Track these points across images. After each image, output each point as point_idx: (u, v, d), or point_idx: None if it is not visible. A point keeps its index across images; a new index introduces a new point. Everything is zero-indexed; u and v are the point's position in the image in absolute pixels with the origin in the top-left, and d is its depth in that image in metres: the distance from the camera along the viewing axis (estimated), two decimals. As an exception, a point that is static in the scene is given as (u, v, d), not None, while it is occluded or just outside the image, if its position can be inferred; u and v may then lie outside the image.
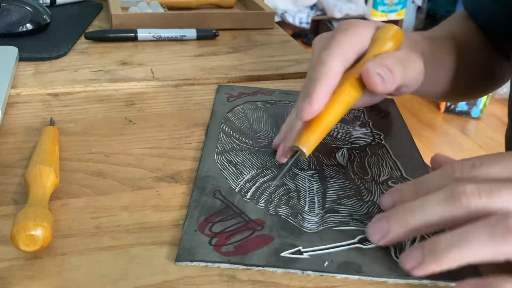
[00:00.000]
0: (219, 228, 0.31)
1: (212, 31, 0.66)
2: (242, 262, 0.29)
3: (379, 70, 0.35)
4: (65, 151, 0.40)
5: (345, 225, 0.32)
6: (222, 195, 0.34)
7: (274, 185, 0.36)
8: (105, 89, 0.51)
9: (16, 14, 0.61)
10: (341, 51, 0.36)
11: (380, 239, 0.30)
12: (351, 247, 0.31)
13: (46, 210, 0.30)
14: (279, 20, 2.68)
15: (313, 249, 0.30)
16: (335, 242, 0.31)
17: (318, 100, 0.34)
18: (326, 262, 0.30)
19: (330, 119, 0.35)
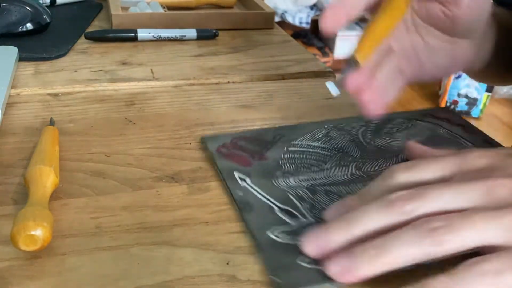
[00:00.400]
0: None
1: (212, 31, 0.66)
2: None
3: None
4: (65, 151, 0.40)
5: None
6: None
7: (336, 95, 0.36)
8: (105, 89, 0.51)
9: (16, 14, 0.61)
10: None
11: (319, 252, 0.29)
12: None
13: (46, 210, 0.30)
14: (279, 20, 2.68)
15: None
16: None
17: (330, 22, 0.35)
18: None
19: (382, 27, 0.36)
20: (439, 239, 0.27)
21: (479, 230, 0.27)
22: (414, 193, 0.29)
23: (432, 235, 0.27)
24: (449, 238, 0.27)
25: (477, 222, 0.27)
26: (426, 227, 0.27)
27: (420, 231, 0.27)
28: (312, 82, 0.55)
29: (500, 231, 0.27)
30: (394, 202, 0.29)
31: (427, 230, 0.27)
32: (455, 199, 0.29)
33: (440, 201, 0.29)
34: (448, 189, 0.29)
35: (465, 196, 0.29)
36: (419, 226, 0.27)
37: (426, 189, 0.29)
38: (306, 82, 0.55)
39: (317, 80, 0.56)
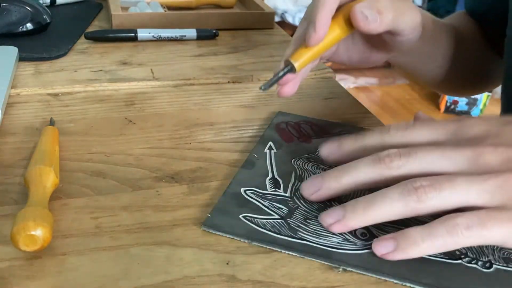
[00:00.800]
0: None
1: (212, 31, 0.66)
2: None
3: (366, 10, 0.38)
4: (65, 151, 0.40)
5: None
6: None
7: (263, 90, 0.38)
8: (105, 89, 0.51)
9: (16, 14, 0.61)
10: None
11: (313, 193, 0.33)
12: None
13: (46, 210, 0.30)
14: (279, 20, 2.68)
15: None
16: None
17: (322, 26, 0.37)
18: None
19: (322, 45, 0.38)
20: (422, 196, 0.29)
21: (461, 192, 0.29)
22: (402, 151, 0.31)
23: (415, 192, 0.29)
24: (431, 196, 0.29)
25: (460, 184, 0.29)
26: (411, 185, 0.29)
27: (405, 189, 0.29)
28: (312, 82, 0.55)
29: (480, 194, 0.29)
30: (383, 158, 0.31)
31: (412, 188, 0.29)
32: (441, 162, 0.31)
33: (425, 161, 0.31)
34: (436, 151, 0.31)
35: (451, 160, 0.31)
36: (404, 184, 0.30)
37: (414, 149, 0.31)
38: (306, 82, 0.55)
39: (317, 80, 0.56)
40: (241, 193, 0.35)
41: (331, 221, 0.31)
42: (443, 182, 0.29)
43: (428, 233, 0.29)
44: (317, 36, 0.37)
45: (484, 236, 0.28)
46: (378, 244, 0.30)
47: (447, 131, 0.33)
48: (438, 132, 0.33)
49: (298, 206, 0.34)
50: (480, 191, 0.29)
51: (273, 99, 0.51)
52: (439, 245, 0.29)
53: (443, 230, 0.28)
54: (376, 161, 0.31)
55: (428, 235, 0.29)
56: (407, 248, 0.29)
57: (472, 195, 0.29)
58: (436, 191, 0.29)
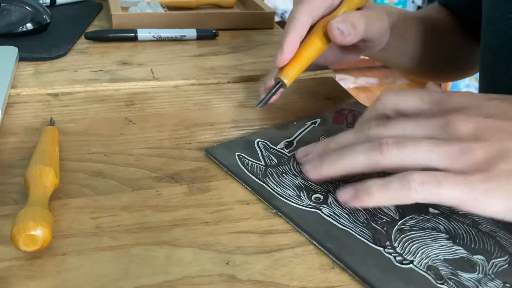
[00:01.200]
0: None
1: (212, 31, 0.66)
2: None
3: (340, 25, 0.42)
4: (65, 151, 0.40)
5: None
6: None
7: (260, 107, 0.43)
8: (105, 89, 0.51)
9: (16, 14, 0.61)
10: (310, 6, 0.43)
11: (314, 175, 0.35)
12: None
13: (46, 210, 0.30)
14: (279, 20, 2.67)
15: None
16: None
17: (288, 50, 0.41)
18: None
19: (303, 60, 0.43)
20: (385, 151, 0.31)
21: (422, 152, 0.30)
22: (380, 122, 0.33)
23: (379, 147, 0.31)
24: (394, 153, 0.31)
25: (424, 145, 0.31)
26: (377, 141, 0.32)
27: (371, 144, 0.32)
28: (312, 82, 0.55)
29: (441, 157, 0.30)
30: (363, 129, 0.34)
31: (377, 143, 0.31)
32: (414, 130, 0.32)
33: (399, 129, 0.33)
34: (410, 121, 0.33)
35: (423, 128, 0.32)
36: (371, 140, 0.32)
37: (391, 120, 0.34)
38: (306, 82, 0.55)
39: (317, 80, 0.56)
40: (253, 142, 0.41)
41: (309, 168, 0.35)
42: (407, 141, 0.31)
43: (384, 185, 0.30)
44: (283, 58, 0.42)
45: (436, 194, 0.29)
46: (341, 191, 0.32)
47: (433, 99, 0.34)
48: (424, 98, 0.34)
49: (287, 164, 0.38)
50: (441, 154, 0.30)
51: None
52: (392, 197, 0.30)
53: (397, 183, 0.30)
54: (358, 131, 0.34)
55: (383, 186, 0.30)
56: (363, 197, 0.31)
57: (433, 156, 0.30)
58: (399, 148, 0.31)
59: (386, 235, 0.32)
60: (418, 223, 0.33)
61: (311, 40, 0.43)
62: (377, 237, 0.32)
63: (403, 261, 0.30)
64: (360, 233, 0.32)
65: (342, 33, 0.42)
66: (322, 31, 0.43)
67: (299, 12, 0.42)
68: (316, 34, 0.43)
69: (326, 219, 0.33)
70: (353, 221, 0.33)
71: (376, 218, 0.33)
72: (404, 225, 0.33)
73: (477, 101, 0.33)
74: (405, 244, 0.31)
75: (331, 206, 0.34)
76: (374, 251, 0.31)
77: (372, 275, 0.29)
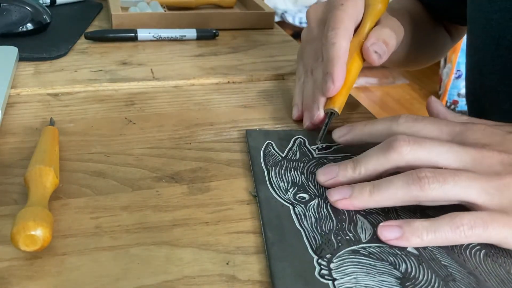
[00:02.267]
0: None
1: (212, 31, 0.66)
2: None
3: (377, 48, 0.43)
4: (65, 151, 0.40)
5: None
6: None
7: (321, 142, 0.41)
8: (105, 89, 0.51)
9: (16, 14, 0.61)
10: (344, 28, 0.42)
11: (331, 182, 0.35)
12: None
13: (46, 210, 0.30)
14: (279, 20, 2.68)
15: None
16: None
17: (339, 79, 0.41)
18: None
19: (349, 85, 0.42)
20: (425, 186, 0.30)
21: (462, 187, 0.30)
22: (412, 139, 0.33)
23: (419, 182, 0.31)
24: (433, 187, 0.30)
25: (463, 180, 0.31)
26: (416, 175, 0.31)
27: (409, 178, 0.31)
28: (312, 82, 0.55)
29: (480, 193, 0.30)
30: (392, 144, 0.33)
31: (416, 177, 0.31)
32: (448, 156, 0.32)
33: (433, 152, 0.32)
34: (445, 144, 0.32)
35: (457, 156, 0.32)
36: (409, 173, 0.31)
37: (424, 138, 0.33)
38: (306, 82, 0.55)
39: (317, 80, 0.56)
40: (293, 136, 0.42)
41: (338, 198, 0.33)
42: (447, 175, 0.31)
43: (433, 228, 0.30)
44: (336, 88, 0.41)
45: (482, 237, 0.30)
46: (384, 229, 0.31)
47: (453, 131, 0.34)
48: (443, 130, 0.35)
49: (305, 162, 0.39)
50: (480, 190, 0.30)
51: (272, 99, 0.51)
52: (441, 240, 0.30)
53: (447, 227, 0.30)
54: (384, 148, 0.33)
55: (432, 229, 0.30)
56: (410, 238, 0.30)
57: (472, 192, 0.30)
58: (439, 183, 0.30)
59: (334, 249, 0.30)
60: (382, 253, 0.30)
61: (352, 62, 0.43)
62: (323, 247, 0.30)
63: (325, 276, 0.28)
64: (310, 237, 0.31)
65: (379, 56, 0.43)
66: (358, 52, 0.43)
67: (339, 37, 0.41)
68: (355, 56, 0.43)
69: (290, 216, 0.33)
70: (315, 226, 0.32)
71: (341, 233, 0.32)
72: (364, 249, 0.30)
73: (499, 137, 0.34)
74: (344, 264, 0.29)
75: (307, 208, 0.34)
76: (306, 256, 0.30)
77: (280, 273, 0.28)
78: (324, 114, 0.42)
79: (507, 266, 0.30)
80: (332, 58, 0.41)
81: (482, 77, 0.53)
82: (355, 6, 0.43)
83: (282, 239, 0.31)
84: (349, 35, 0.42)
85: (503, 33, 0.48)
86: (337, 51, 0.41)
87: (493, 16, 0.48)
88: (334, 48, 0.41)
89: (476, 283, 0.28)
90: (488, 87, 0.52)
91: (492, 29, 0.49)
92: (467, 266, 0.30)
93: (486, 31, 0.50)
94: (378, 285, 0.28)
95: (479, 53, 0.52)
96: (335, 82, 0.40)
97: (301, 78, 0.47)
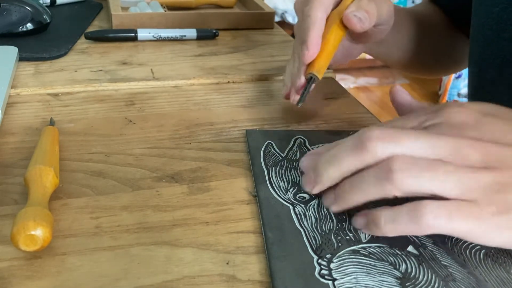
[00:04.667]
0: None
1: (212, 31, 0.66)
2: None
3: (358, 13, 0.43)
4: (65, 151, 0.40)
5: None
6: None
7: (300, 105, 0.42)
8: (105, 89, 0.51)
9: (16, 14, 0.61)
10: (319, 2, 0.43)
11: (312, 188, 0.34)
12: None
13: (46, 210, 0.30)
14: (279, 20, 2.67)
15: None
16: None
17: (313, 45, 0.42)
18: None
19: (328, 51, 0.43)
20: (397, 180, 0.29)
21: (439, 181, 0.29)
22: (384, 133, 0.30)
23: (390, 176, 0.29)
24: (407, 182, 0.29)
25: (440, 174, 0.29)
26: (387, 167, 0.29)
27: (380, 172, 0.29)
28: (312, 82, 0.55)
29: (456, 185, 0.29)
30: (364, 142, 0.30)
31: (387, 170, 0.29)
32: (425, 149, 0.30)
33: (409, 147, 0.30)
34: (420, 137, 0.30)
35: (434, 147, 0.30)
36: (380, 167, 0.30)
37: (399, 131, 0.30)
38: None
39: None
40: (293, 136, 0.42)
41: (328, 204, 0.34)
42: (423, 167, 0.29)
43: (392, 217, 0.29)
44: (311, 54, 0.42)
45: (446, 228, 0.28)
46: (355, 218, 0.32)
47: (425, 119, 0.33)
48: (414, 122, 0.33)
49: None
50: (456, 182, 0.29)
51: (272, 99, 0.51)
52: (401, 230, 0.29)
53: (406, 217, 0.29)
54: (358, 147, 0.31)
55: (391, 219, 0.29)
56: (371, 227, 0.31)
57: (448, 186, 0.29)
58: (413, 175, 0.29)
59: (334, 249, 0.30)
60: (382, 253, 0.30)
61: (331, 31, 0.44)
62: (323, 247, 0.30)
63: (325, 276, 0.28)
64: (310, 237, 0.31)
65: (360, 20, 0.43)
66: (338, 22, 0.44)
67: (313, 9, 0.43)
68: (334, 25, 0.44)
69: (290, 215, 0.33)
70: (316, 226, 0.32)
71: (341, 233, 0.32)
72: (364, 249, 0.30)
73: (475, 120, 0.32)
74: (344, 264, 0.29)
75: (307, 208, 0.34)
76: (306, 256, 0.30)
77: (280, 272, 0.28)
78: (305, 80, 0.43)
79: (507, 266, 0.30)
80: (306, 27, 0.42)
81: (482, 71, 0.53)
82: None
83: (282, 239, 0.31)
84: (324, 8, 0.43)
85: (504, 26, 0.48)
86: (312, 21, 0.42)
87: (494, 9, 0.49)
88: (309, 19, 0.43)
89: (476, 283, 0.28)
90: (488, 80, 0.52)
91: (493, 21, 0.49)
92: (467, 266, 0.30)
93: (487, 24, 0.50)
94: (378, 285, 0.28)
95: (480, 47, 0.53)
96: (309, 48, 0.42)
97: (289, 60, 0.47)
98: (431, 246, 0.31)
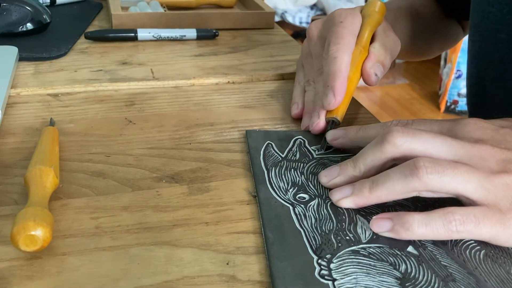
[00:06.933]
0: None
1: (212, 31, 0.66)
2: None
3: (376, 70, 0.44)
4: (65, 151, 0.40)
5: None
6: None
7: (324, 151, 0.41)
8: (105, 89, 0.51)
9: (16, 14, 0.61)
10: (345, 43, 0.43)
11: (333, 183, 0.35)
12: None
13: (46, 210, 0.30)
14: (279, 20, 2.68)
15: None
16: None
17: (340, 92, 0.41)
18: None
19: (350, 95, 0.43)
20: (423, 176, 0.30)
21: (461, 180, 0.30)
22: (406, 130, 0.32)
23: (416, 171, 0.30)
24: (432, 178, 0.30)
25: (463, 173, 0.30)
26: (413, 164, 0.31)
27: (407, 168, 0.31)
28: (312, 82, 0.55)
29: (478, 188, 0.30)
30: (385, 138, 0.33)
31: (414, 167, 0.30)
32: (442, 148, 0.32)
33: (428, 144, 0.32)
34: (439, 137, 0.32)
35: (453, 148, 0.32)
36: (407, 164, 0.31)
37: (419, 130, 0.33)
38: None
39: (317, 80, 0.56)
40: (293, 137, 0.42)
41: (340, 197, 0.33)
42: (446, 166, 0.30)
43: (425, 222, 0.30)
44: (337, 102, 0.41)
45: (473, 233, 0.30)
46: (376, 221, 0.31)
47: (444, 127, 0.35)
48: (434, 127, 0.35)
49: (305, 163, 0.39)
50: (478, 185, 0.30)
51: (272, 99, 0.51)
52: (432, 235, 0.30)
53: (439, 222, 0.30)
54: (379, 142, 0.33)
55: (423, 223, 0.30)
56: (400, 231, 0.30)
57: (470, 186, 0.30)
58: (438, 174, 0.30)
59: (334, 249, 0.30)
60: (382, 254, 0.30)
61: (353, 75, 0.44)
62: (323, 248, 0.30)
63: (325, 276, 0.28)
64: (310, 237, 0.31)
65: (377, 76, 0.45)
66: (357, 64, 0.44)
67: (341, 52, 0.42)
68: (354, 69, 0.44)
69: (290, 216, 0.33)
70: (315, 226, 0.32)
71: (341, 233, 0.31)
72: (364, 250, 0.30)
73: (490, 133, 0.34)
74: (344, 265, 0.29)
75: (307, 208, 0.34)
76: (306, 256, 0.30)
77: (280, 273, 0.28)
78: (325, 122, 0.42)
79: (507, 266, 0.30)
80: (334, 72, 0.41)
81: (481, 69, 0.53)
82: (353, 23, 0.45)
83: (282, 239, 0.31)
84: (350, 49, 0.43)
85: (500, 27, 0.48)
86: (339, 65, 0.42)
87: (491, 9, 0.49)
88: (336, 62, 0.42)
89: (476, 283, 0.28)
90: (487, 81, 0.52)
91: (489, 22, 0.50)
92: (467, 266, 0.30)
93: (484, 24, 0.50)
94: (378, 285, 0.28)
95: (477, 46, 0.53)
96: (336, 95, 0.41)
97: (301, 82, 0.48)
98: (431, 247, 0.31)
